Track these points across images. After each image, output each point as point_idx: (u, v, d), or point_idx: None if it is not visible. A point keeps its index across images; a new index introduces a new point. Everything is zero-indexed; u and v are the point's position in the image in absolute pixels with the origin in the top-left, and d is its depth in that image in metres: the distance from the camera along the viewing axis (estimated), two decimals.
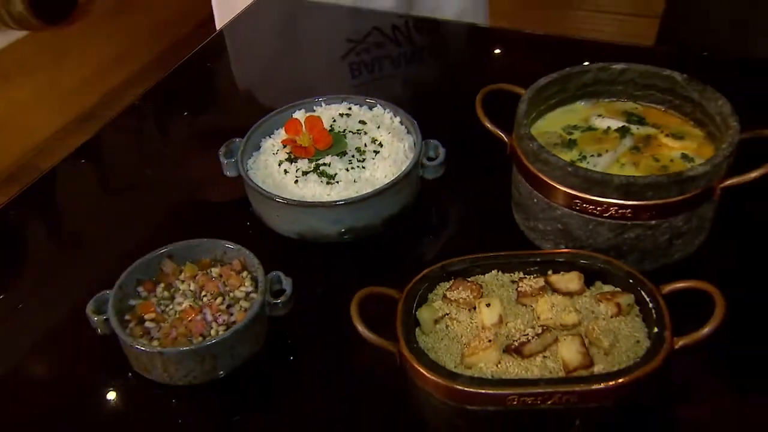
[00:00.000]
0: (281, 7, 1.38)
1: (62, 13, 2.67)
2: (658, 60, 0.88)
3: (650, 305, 0.67)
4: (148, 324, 0.73)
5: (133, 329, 0.73)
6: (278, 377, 0.74)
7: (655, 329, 0.65)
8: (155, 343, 0.72)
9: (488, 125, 0.84)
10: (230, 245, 0.78)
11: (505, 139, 0.83)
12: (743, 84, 0.98)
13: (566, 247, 0.79)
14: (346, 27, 1.29)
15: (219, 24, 1.49)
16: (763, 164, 0.75)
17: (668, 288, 0.68)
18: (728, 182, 0.75)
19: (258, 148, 0.93)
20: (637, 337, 0.67)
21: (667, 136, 0.82)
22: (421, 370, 0.63)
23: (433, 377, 0.63)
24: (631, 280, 0.70)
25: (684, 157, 0.80)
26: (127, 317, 0.74)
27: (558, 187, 0.75)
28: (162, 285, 0.77)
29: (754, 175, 0.74)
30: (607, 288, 0.71)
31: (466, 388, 0.62)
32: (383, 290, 0.70)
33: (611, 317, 0.68)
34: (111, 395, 0.75)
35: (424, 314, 0.69)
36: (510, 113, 0.83)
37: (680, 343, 0.64)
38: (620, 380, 0.61)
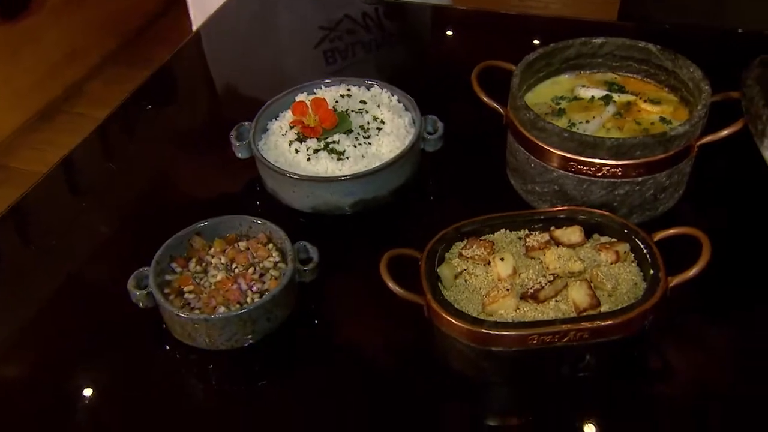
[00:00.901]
0: (253, 3, 1.41)
1: (15, 8, 2.65)
2: (627, 34, 0.96)
3: (645, 251, 0.76)
4: (187, 296, 0.79)
5: (173, 301, 0.79)
6: (311, 338, 0.81)
7: (651, 272, 0.74)
8: (197, 311, 0.77)
9: (485, 98, 0.91)
10: (257, 220, 0.84)
11: (501, 110, 0.91)
12: (707, 51, 1.08)
13: (563, 206, 0.87)
14: (318, 16, 1.34)
15: (194, 18, 1.52)
16: (732, 123, 0.84)
17: (659, 235, 0.77)
18: (704, 140, 0.84)
19: (266, 130, 0.99)
20: (634, 280, 0.75)
21: (645, 102, 0.91)
22: (450, 318, 0.70)
23: (460, 323, 0.70)
24: (626, 231, 0.78)
25: (662, 120, 0.89)
26: (166, 291, 0.79)
27: (554, 151, 0.83)
28: (194, 260, 0.83)
29: (725, 132, 0.84)
30: (605, 239, 0.79)
31: (491, 332, 0.69)
32: (407, 251, 0.77)
33: (611, 264, 0.76)
34: (158, 362, 0.80)
35: (444, 271, 0.77)
36: (496, 86, 0.90)
37: (674, 281, 0.72)
38: (626, 316, 0.69)
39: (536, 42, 1.18)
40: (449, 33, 1.35)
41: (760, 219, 0.88)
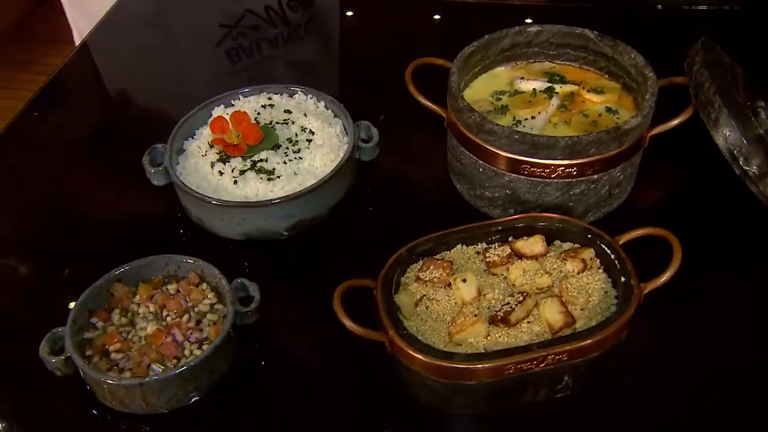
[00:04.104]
0: (140, 5, 1.29)
1: None
2: (555, 17, 0.91)
3: (612, 257, 0.71)
4: (114, 355, 0.69)
5: (98, 364, 0.69)
6: (259, 387, 0.72)
7: (622, 279, 0.69)
8: (127, 374, 0.68)
9: (422, 100, 0.84)
10: (186, 259, 0.75)
11: (441, 113, 0.84)
12: (644, 32, 1.04)
13: (515, 211, 0.81)
14: (216, 13, 1.24)
15: (71, 18, 1.38)
16: (681, 111, 0.80)
17: (625, 238, 0.73)
18: (656, 130, 0.80)
19: (182, 151, 0.89)
20: (604, 288, 0.71)
21: (589, 91, 0.86)
22: (416, 355, 0.64)
23: (429, 359, 0.64)
24: (589, 236, 0.73)
25: (608, 110, 0.85)
26: (88, 352, 0.69)
27: (504, 154, 0.78)
28: (117, 311, 0.73)
29: (676, 122, 0.80)
30: (567, 245, 0.75)
31: (463, 366, 0.63)
32: (359, 281, 0.69)
33: (578, 274, 0.71)
34: None
35: (403, 298, 0.70)
36: (432, 84, 0.83)
37: (648, 288, 0.68)
38: (604, 333, 0.64)
39: (465, 29, 1.11)
40: (364, 22, 1.25)
41: (716, 209, 0.85)
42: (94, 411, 0.70)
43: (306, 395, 0.71)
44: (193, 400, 0.69)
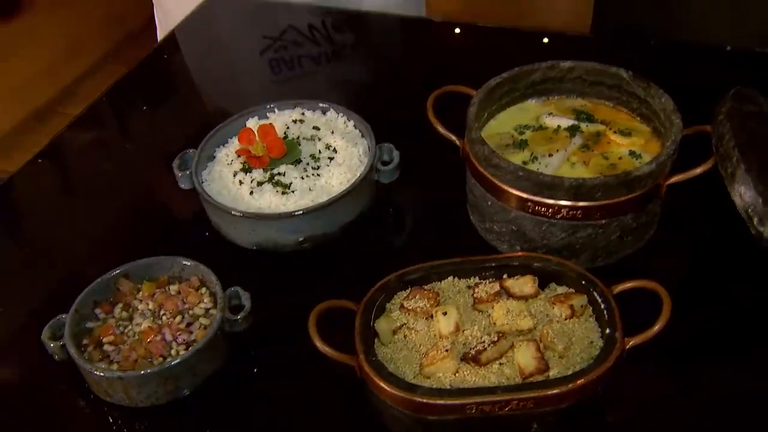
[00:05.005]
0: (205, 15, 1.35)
1: (8, 6, 2.60)
2: (598, 50, 0.89)
3: (602, 306, 0.69)
4: (107, 347, 0.73)
5: (92, 353, 0.73)
6: (240, 393, 0.74)
7: (607, 330, 0.67)
8: (115, 366, 0.71)
9: (441, 130, 0.84)
10: (188, 262, 0.78)
11: (458, 142, 0.84)
12: (687, 72, 1.00)
13: (521, 248, 0.80)
14: (261, 25, 1.27)
15: (159, 27, 1.46)
16: (705, 160, 0.76)
17: (619, 288, 0.70)
18: (673, 179, 0.76)
19: (212, 158, 0.92)
20: (590, 338, 0.68)
21: (615, 132, 0.84)
22: (381, 384, 0.64)
23: (392, 390, 0.64)
24: (583, 282, 0.71)
25: (632, 154, 0.82)
26: (84, 341, 0.74)
27: (510, 190, 0.76)
28: (120, 305, 0.77)
29: (698, 171, 0.76)
30: (561, 289, 0.73)
31: (424, 400, 0.63)
32: (341, 303, 0.70)
33: (565, 320, 0.69)
34: (73, 421, 0.75)
35: (382, 325, 0.70)
36: (461, 110, 0.83)
37: (631, 343, 0.65)
38: (573, 384, 0.62)
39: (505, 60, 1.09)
40: (413, 47, 1.25)
41: (731, 267, 0.80)
42: (89, 397, 0.74)
43: (283, 408, 0.73)
44: (174, 398, 0.72)
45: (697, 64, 1.07)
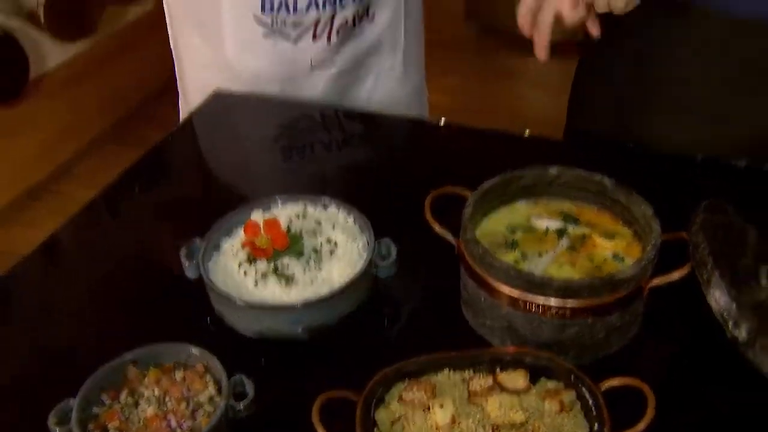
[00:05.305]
0: (216, 106, 1.43)
1: (13, 90, 2.69)
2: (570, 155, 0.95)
3: (590, 402, 0.73)
4: None
5: None
6: None
7: (596, 426, 0.70)
8: None
9: (437, 229, 0.90)
10: (195, 350, 0.81)
11: (453, 241, 0.89)
12: (669, 180, 1.07)
13: (513, 343, 0.84)
14: (276, 117, 1.35)
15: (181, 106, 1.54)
16: (682, 265, 0.82)
17: (606, 384, 0.74)
18: (654, 282, 0.82)
19: (218, 248, 0.97)
20: None
21: (600, 236, 0.90)
22: None
23: None
24: (572, 377, 0.75)
25: (615, 256, 0.87)
26: (90, 426, 0.76)
27: (502, 288, 0.81)
28: (126, 391, 0.80)
29: (675, 276, 0.82)
30: (551, 384, 0.76)
31: None
32: (342, 394, 0.74)
33: (556, 414, 0.73)
34: None
35: (381, 416, 0.73)
36: (456, 207, 0.89)
37: None
38: None
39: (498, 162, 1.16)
40: (414, 147, 1.33)
41: (709, 368, 0.84)
42: None
43: None
44: None
45: (671, 171, 1.14)
